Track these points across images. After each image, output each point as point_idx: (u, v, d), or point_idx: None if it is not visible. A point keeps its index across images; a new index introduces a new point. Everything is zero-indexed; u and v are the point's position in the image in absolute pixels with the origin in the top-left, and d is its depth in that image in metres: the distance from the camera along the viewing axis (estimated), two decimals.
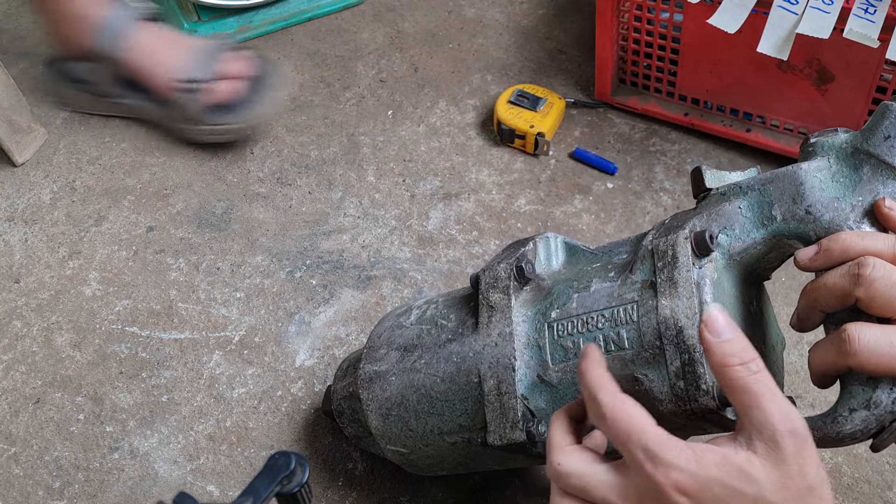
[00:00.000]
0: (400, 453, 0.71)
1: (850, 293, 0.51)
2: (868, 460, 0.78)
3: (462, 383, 0.65)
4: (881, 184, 0.54)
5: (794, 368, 0.84)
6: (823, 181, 0.55)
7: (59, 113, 1.13)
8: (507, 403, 0.61)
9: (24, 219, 1.03)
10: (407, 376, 0.68)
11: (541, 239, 0.67)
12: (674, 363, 0.55)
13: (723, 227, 0.58)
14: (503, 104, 1.05)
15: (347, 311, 0.92)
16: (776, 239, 0.57)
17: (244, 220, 1.01)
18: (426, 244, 0.98)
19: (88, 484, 0.82)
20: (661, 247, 0.57)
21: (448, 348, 0.67)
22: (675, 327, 0.55)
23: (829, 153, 0.56)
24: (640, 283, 0.58)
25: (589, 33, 1.12)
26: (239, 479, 0.81)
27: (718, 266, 0.57)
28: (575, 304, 0.61)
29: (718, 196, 0.59)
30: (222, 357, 0.90)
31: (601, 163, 1.02)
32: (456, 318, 0.68)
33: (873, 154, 0.54)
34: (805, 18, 0.84)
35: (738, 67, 0.97)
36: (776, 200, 0.56)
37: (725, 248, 0.58)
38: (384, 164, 1.05)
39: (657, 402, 0.56)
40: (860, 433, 0.51)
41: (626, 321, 0.58)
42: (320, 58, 1.18)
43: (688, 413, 0.55)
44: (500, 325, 0.63)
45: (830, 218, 0.54)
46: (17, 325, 0.93)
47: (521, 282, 0.64)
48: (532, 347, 0.62)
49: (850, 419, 0.51)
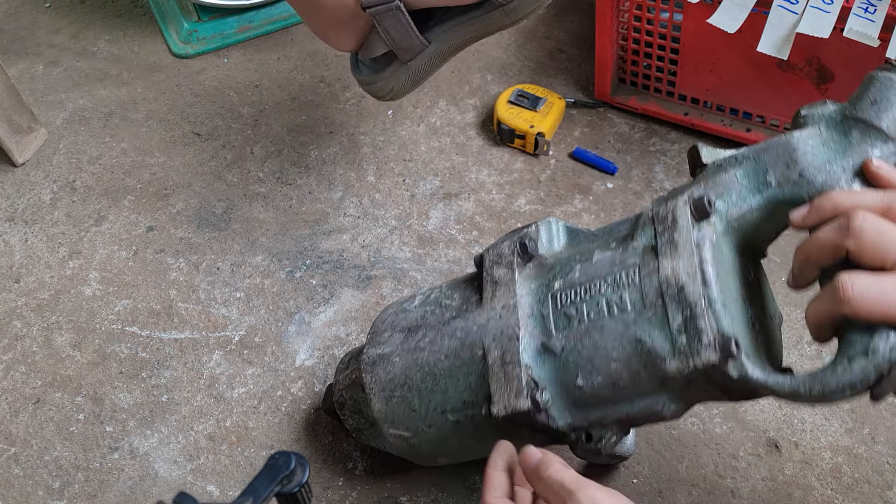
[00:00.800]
0: (402, 437, 0.71)
1: (841, 245, 0.52)
2: (868, 460, 0.78)
3: (466, 357, 0.66)
4: (870, 146, 0.56)
5: (794, 368, 0.84)
6: (815, 147, 0.58)
7: (59, 113, 1.14)
8: (512, 372, 0.62)
9: (24, 219, 1.03)
10: (411, 356, 0.69)
11: (543, 223, 0.69)
12: (676, 320, 0.56)
13: (720, 195, 0.60)
14: (503, 104, 1.05)
15: (347, 310, 0.92)
16: (772, 205, 0.59)
17: (244, 220, 1.01)
18: (426, 244, 0.98)
19: (88, 484, 0.82)
20: (661, 213, 0.60)
21: (452, 325, 0.67)
22: (677, 285, 0.57)
23: (819, 122, 0.59)
24: (641, 248, 0.60)
25: (589, 33, 1.12)
26: (239, 479, 0.81)
27: (717, 230, 0.59)
28: (578, 274, 0.63)
29: (715, 168, 0.61)
30: (222, 357, 0.90)
31: (601, 163, 1.02)
32: (460, 297, 0.69)
33: (861, 119, 0.57)
34: (805, 18, 0.84)
35: (738, 67, 0.97)
36: (770, 167, 0.58)
37: (723, 213, 0.59)
38: (384, 164, 1.05)
39: (660, 362, 0.57)
40: (860, 382, 0.52)
41: (628, 284, 0.59)
42: (320, 58, 1.18)
43: (691, 371, 0.56)
44: (504, 299, 0.65)
45: (823, 180, 0.56)
46: (17, 325, 0.93)
47: (524, 258, 0.66)
48: (536, 317, 0.63)
49: (849, 368, 0.52)
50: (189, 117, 1.12)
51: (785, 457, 0.79)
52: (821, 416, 0.81)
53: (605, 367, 0.60)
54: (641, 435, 0.81)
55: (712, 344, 0.55)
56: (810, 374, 0.54)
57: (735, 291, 0.60)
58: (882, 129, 0.56)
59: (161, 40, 1.23)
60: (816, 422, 0.81)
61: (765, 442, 0.80)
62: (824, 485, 0.77)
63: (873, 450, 0.79)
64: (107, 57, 1.21)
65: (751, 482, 0.78)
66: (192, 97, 1.15)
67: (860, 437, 0.79)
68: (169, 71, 1.19)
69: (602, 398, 0.61)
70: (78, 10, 1.27)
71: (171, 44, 1.21)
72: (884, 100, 0.57)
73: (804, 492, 0.77)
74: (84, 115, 1.13)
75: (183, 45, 1.21)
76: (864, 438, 0.79)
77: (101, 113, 1.14)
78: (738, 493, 0.77)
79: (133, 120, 1.13)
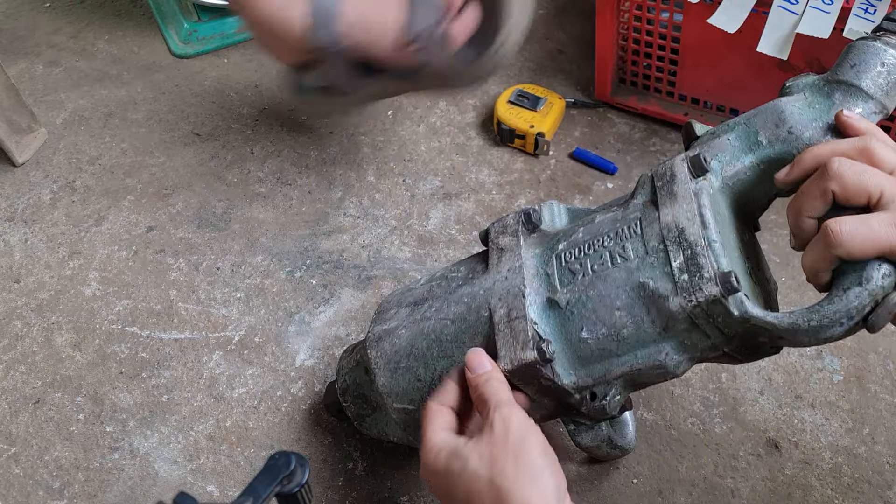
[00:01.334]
0: (406, 411, 0.71)
1: (826, 189, 0.55)
2: (868, 460, 0.78)
3: (472, 320, 0.67)
4: (853, 104, 0.61)
5: (794, 368, 0.84)
6: (801, 108, 0.62)
7: (59, 113, 1.14)
8: (518, 326, 0.63)
9: (24, 219, 1.03)
10: (417, 326, 0.70)
11: (545, 204, 0.72)
12: (677, 260, 0.59)
13: (714, 155, 0.64)
14: (503, 104, 1.05)
15: (347, 311, 0.92)
16: (763, 163, 0.63)
17: (244, 220, 1.01)
18: (426, 244, 0.98)
19: (88, 484, 0.82)
20: (659, 170, 0.64)
21: (459, 292, 0.69)
22: (677, 229, 0.60)
23: (804, 89, 0.63)
24: (641, 203, 0.64)
25: (589, 33, 1.12)
26: (239, 479, 0.81)
27: (713, 185, 0.63)
28: (581, 234, 0.66)
29: (708, 135, 0.66)
30: (222, 357, 0.90)
31: (601, 163, 1.02)
32: (466, 269, 0.72)
33: (843, 81, 0.61)
34: (805, 18, 0.84)
35: (738, 67, 0.97)
36: (761, 128, 0.63)
37: (718, 172, 0.63)
38: (384, 164, 1.05)
39: (663, 301, 0.59)
40: (855, 310, 0.54)
41: (630, 235, 0.63)
42: None
43: (694, 307, 0.58)
44: (510, 262, 0.68)
45: (810, 135, 0.61)
46: (17, 325, 0.93)
47: (528, 227, 0.70)
48: (541, 276, 0.66)
49: (844, 297, 0.54)
50: (189, 117, 1.12)
51: (785, 457, 0.79)
52: (821, 416, 0.81)
53: (609, 318, 0.62)
54: (641, 435, 0.81)
55: (713, 278, 0.57)
56: (807, 307, 0.56)
57: (733, 243, 0.62)
58: (863, 88, 0.61)
59: (161, 40, 1.23)
60: (816, 422, 0.81)
61: (765, 442, 0.80)
62: (824, 485, 0.77)
63: (873, 450, 0.79)
64: (106, 57, 1.21)
65: (751, 482, 0.78)
66: (191, 97, 1.15)
67: (860, 437, 0.79)
68: (169, 71, 1.19)
69: (606, 351, 0.63)
70: (78, 9, 1.27)
71: (171, 44, 1.21)
72: (862, 62, 0.61)
73: (804, 492, 0.77)
74: (84, 115, 1.13)
75: (183, 45, 1.21)
76: (864, 438, 0.79)
77: (100, 113, 1.14)
78: (738, 493, 0.77)
79: (133, 120, 1.12)
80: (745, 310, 0.57)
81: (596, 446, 0.73)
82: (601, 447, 0.74)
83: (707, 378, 0.84)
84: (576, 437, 0.73)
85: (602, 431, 0.73)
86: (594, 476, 0.79)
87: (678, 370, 0.62)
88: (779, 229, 0.94)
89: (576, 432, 0.73)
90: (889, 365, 0.84)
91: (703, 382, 0.84)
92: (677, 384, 0.84)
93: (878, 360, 0.84)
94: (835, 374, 0.83)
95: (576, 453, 0.80)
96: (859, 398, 0.82)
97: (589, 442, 0.73)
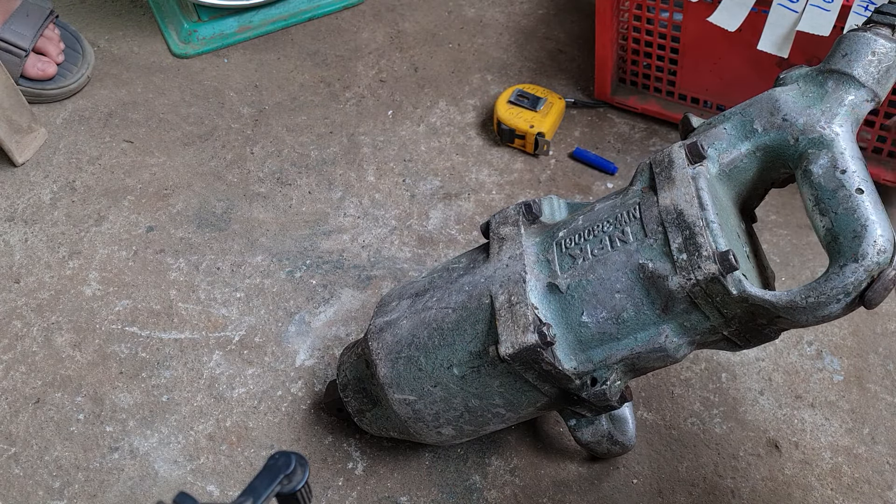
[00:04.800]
0: (407, 402, 0.71)
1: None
2: (868, 460, 0.78)
3: (473, 308, 0.68)
4: (845, 92, 0.62)
5: (794, 369, 0.84)
6: (795, 96, 0.64)
7: (59, 113, 1.14)
8: (519, 311, 0.64)
9: (24, 219, 1.03)
10: (418, 316, 0.71)
11: (545, 198, 0.74)
12: (676, 241, 0.60)
13: (711, 143, 0.65)
14: (503, 104, 1.05)
15: (347, 311, 0.92)
16: (759, 150, 0.64)
17: (244, 220, 1.01)
18: (426, 244, 0.98)
19: (88, 484, 0.82)
20: (657, 157, 0.65)
21: (459, 282, 0.70)
22: (675, 211, 0.61)
23: (797, 80, 0.65)
24: (640, 189, 0.65)
25: (589, 33, 1.12)
26: (239, 479, 0.81)
27: (711, 172, 0.64)
28: (581, 222, 0.67)
29: (705, 125, 0.67)
30: (222, 357, 0.90)
31: (601, 162, 1.02)
32: (467, 259, 0.73)
33: (835, 70, 0.63)
34: (805, 16, 0.84)
35: (738, 66, 0.97)
36: (756, 117, 0.64)
37: (715, 159, 0.65)
38: (384, 164, 1.05)
39: (663, 281, 0.60)
40: (852, 286, 0.55)
41: (630, 219, 0.64)
42: (320, 58, 1.18)
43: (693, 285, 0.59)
44: (510, 250, 0.69)
45: (804, 122, 0.62)
46: (17, 325, 0.93)
47: (529, 218, 0.71)
48: (541, 262, 0.67)
49: (841, 274, 0.56)
50: (189, 117, 1.12)
51: (785, 457, 0.79)
52: (821, 416, 0.81)
53: (609, 300, 0.63)
54: (642, 435, 0.81)
55: (712, 257, 0.58)
56: (805, 285, 0.57)
57: (731, 227, 0.63)
58: (855, 76, 0.62)
59: (161, 40, 1.23)
60: (816, 422, 0.81)
61: (765, 442, 0.80)
62: (824, 485, 0.77)
63: (873, 450, 0.79)
64: (107, 57, 1.21)
65: (751, 482, 0.78)
66: (191, 97, 1.15)
67: (860, 437, 0.79)
68: (169, 71, 1.19)
69: (607, 335, 0.63)
70: (78, 9, 1.27)
71: (171, 44, 1.21)
72: (854, 52, 0.62)
73: (804, 492, 0.77)
74: (84, 115, 1.13)
75: (183, 45, 1.21)
76: (864, 438, 0.79)
77: (101, 113, 1.14)
78: (738, 493, 0.77)
79: (133, 120, 1.12)
80: (744, 288, 0.58)
81: (596, 442, 0.73)
82: (602, 443, 0.74)
83: (707, 378, 0.84)
84: (576, 433, 0.73)
85: (602, 426, 0.73)
86: (594, 476, 0.79)
87: (678, 354, 0.63)
88: (779, 229, 0.94)
89: (576, 427, 0.73)
90: (889, 365, 0.83)
91: (703, 382, 0.84)
92: (677, 384, 0.84)
93: (878, 361, 0.84)
94: (835, 375, 0.83)
95: (576, 453, 0.80)
96: (859, 398, 0.82)
97: (589, 437, 0.73)
